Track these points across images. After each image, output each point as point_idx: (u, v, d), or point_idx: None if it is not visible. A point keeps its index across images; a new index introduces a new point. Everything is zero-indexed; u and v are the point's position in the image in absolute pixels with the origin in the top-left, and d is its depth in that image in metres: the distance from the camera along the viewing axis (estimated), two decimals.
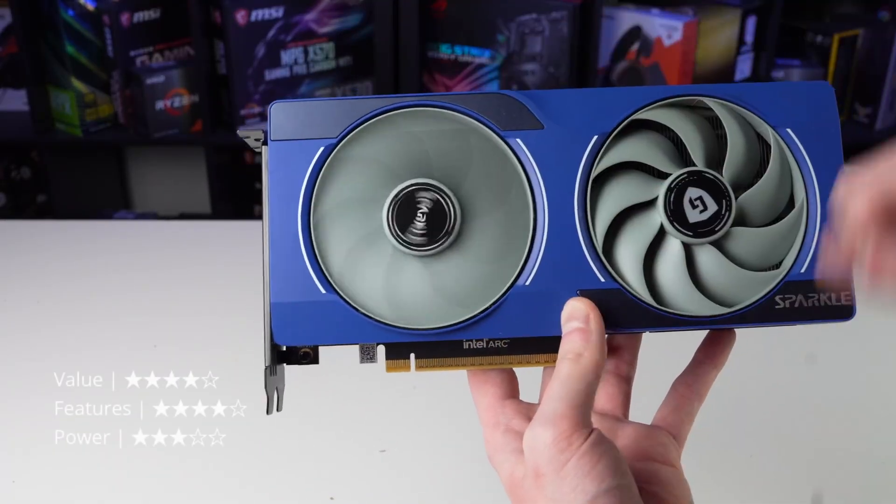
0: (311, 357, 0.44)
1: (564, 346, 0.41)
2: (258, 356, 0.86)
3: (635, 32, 1.79)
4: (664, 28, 1.76)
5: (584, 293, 0.42)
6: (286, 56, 1.81)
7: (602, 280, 0.42)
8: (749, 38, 1.76)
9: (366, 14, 1.86)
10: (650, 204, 0.43)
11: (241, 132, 0.45)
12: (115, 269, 1.03)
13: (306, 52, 1.83)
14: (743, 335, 0.47)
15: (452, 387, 0.79)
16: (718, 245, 0.43)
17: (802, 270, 0.43)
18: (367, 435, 0.73)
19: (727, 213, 0.42)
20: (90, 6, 1.76)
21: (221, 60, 1.77)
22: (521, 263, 0.43)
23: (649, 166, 0.44)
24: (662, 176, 0.43)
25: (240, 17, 1.73)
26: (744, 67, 1.79)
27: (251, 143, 0.45)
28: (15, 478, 0.68)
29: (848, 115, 1.90)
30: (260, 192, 1.85)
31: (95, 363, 0.79)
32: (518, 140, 0.43)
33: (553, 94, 0.44)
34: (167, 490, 0.67)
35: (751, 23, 1.76)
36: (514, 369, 0.46)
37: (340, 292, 0.42)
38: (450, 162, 0.43)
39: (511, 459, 0.41)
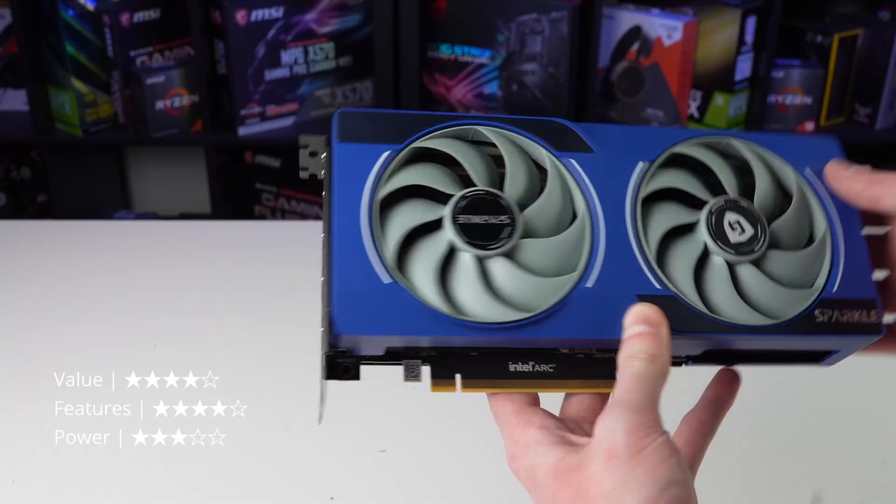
0: (351, 373, 0.45)
1: (635, 346, 0.42)
2: (258, 356, 0.85)
3: (635, 32, 1.79)
4: (664, 28, 1.76)
5: (642, 298, 0.44)
6: (286, 56, 1.81)
7: (658, 287, 0.45)
8: (749, 38, 1.76)
9: (366, 14, 1.86)
10: (693, 227, 0.47)
11: (303, 139, 0.47)
12: (115, 270, 1.03)
13: (306, 52, 1.83)
14: None
15: None
16: (757, 264, 0.46)
17: (834, 290, 0.47)
18: (367, 435, 0.73)
19: (763, 236, 0.46)
20: (90, 6, 1.76)
21: (221, 60, 1.77)
22: (582, 267, 0.45)
23: (687, 195, 0.47)
24: (698, 205, 0.47)
25: (240, 17, 1.73)
26: (744, 67, 1.79)
27: (310, 149, 0.48)
28: (15, 478, 0.68)
29: (848, 115, 1.90)
30: (259, 192, 1.85)
31: (95, 363, 0.79)
32: (572, 160, 0.47)
33: (599, 126, 0.48)
34: (167, 490, 0.67)
35: (751, 23, 1.76)
36: None
37: (404, 282, 0.43)
38: (515, 174, 0.46)
39: (557, 448, 0.41)
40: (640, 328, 0.42)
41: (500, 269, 0.44)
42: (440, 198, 0.45)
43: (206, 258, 1.06)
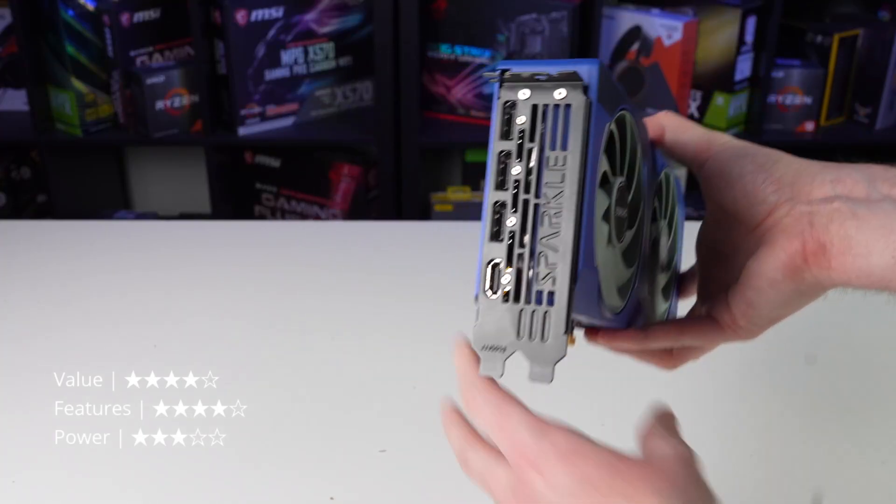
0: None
1: None
2: (258, 356, 0.85)
3: (635, 32, 1.79)
4: (664, 28, 1.76)
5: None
6: (286, 56, 1.81)
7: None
8: (749, 38, 1.76)
9: (366, 14, 1.86)
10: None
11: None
12: (116, 270, 1.03)
13: (306, 52, 1.83)
14: None
15: (452, 386, 0.79)
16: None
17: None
18: (367, 435, 0.73)
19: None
20: (90, 6, 1.76)
21: (221, 60, 1.77)
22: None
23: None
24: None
25: (240, 17, 1.73)
26: (744, 67, 1.79)
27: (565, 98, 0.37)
28: (15, 478, 0.68)
29: (848, 115, 1.90)
30: (259, 192, 1.83)
31: (95, 363, 0.79)
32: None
33: None
34: (167, 490, 0.67)
35: (751, 23, 1.76)
36: None
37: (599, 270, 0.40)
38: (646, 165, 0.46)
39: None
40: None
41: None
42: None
43: (206, 258, 1.06)
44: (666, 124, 0.45)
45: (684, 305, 0.53)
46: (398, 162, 1.83)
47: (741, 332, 0.44)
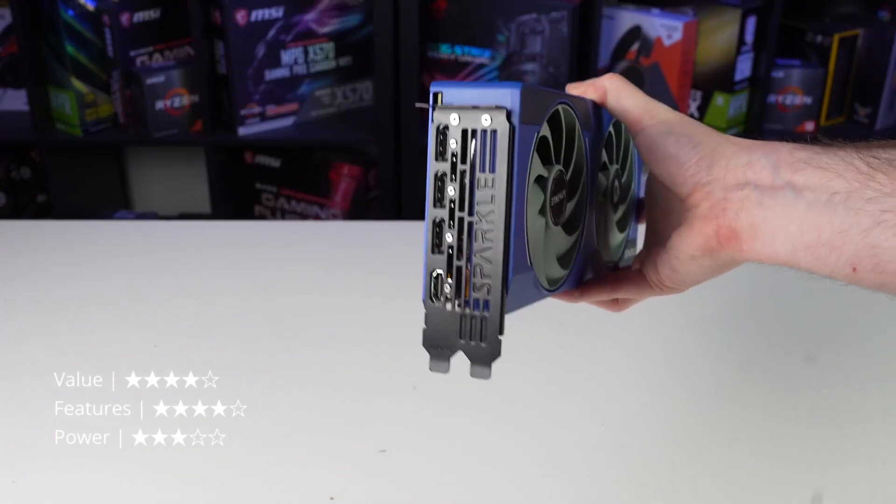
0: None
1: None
2: (258, 356, 0.85)
3: (635, 32, 1.79)
4: (664, 28, 1.76)
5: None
6: (286, 56, 1.81)
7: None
8: (749, 38, 1.76)
9: (366, 14, 1.86)
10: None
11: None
12: (115, 270, 1.03)
13: (306, 52, 1.83)
14: (743, 334, 0.48)
15: (453, 386, 0.79)
16: None
17: None
18: (367, 435, 0.73)
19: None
20: (90, 6, 1.76)
21: (221, 60, 1.78)
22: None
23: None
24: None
25: (240, 17, 1.73)
26: (744, 67, 1.79)
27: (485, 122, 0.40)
28: (15, 478, 0.68)
29: (848, 115, 1.90)
30: (259, 192, 1.84)
31: (95, 363, 0.79)
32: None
33: None
34: (167, 490, 0.67)
35: (751, 23, 1.76)
36: None
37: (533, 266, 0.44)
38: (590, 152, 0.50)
39: None
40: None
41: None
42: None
43: (206, 258, 1.06)
44: (608, 88, 0.49)
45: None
46: (398, 162, 1.83)
47: (668, 290, 0.49)
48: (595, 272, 0.54)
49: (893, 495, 0.67)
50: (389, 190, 1.86)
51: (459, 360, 0.44)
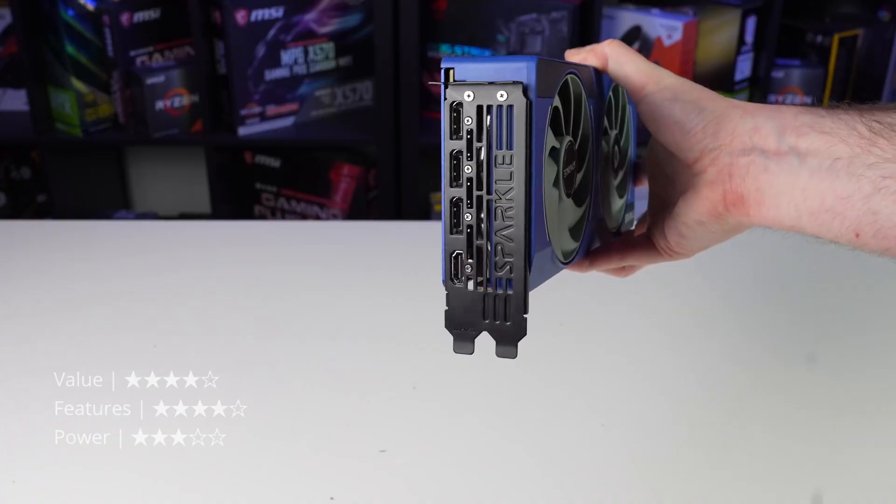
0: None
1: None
2: (258, 356, 0.85)
3: (635, 32, 1.79)
4: (664, 28, 1.76)
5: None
6: (286, 56, 1.81)
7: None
8: (749, 38, 1.76)
9: (366, 14, 1.86)
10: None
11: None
12: (115, 269, 1.03)
13: (306, 52, 1.83)
14: (742, 333, 0.48)
15: (453, 386, 0.79)
16: None
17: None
18: (367, 435, 0.73)
19: None
20: (90, 6, 1.76)
21: (221, 60, 1.78)
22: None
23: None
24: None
25: (240, 17, 1.73)
26: (744, 67, 1.79)
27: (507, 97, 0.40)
28: (15, 478, 0.68)
29: None
30: (259, 192, 1.84)
31: (95, 363, 0.79)
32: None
33: None
34: (167, 490, 0.67)
35: (751, 23, 1.76)
36: None
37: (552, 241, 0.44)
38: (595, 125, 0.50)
39: None
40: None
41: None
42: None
43: (206, 258, 1.06)
44: (609, 54, 0.48)
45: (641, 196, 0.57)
46: (398, 162, 1.83)
47: (677, 256, 0.49)
48: (601, 239, 0.54)
49: (893, 495, 0.67)
50: (389, 190, 1.86)
51: (458, 358, 0.44)
